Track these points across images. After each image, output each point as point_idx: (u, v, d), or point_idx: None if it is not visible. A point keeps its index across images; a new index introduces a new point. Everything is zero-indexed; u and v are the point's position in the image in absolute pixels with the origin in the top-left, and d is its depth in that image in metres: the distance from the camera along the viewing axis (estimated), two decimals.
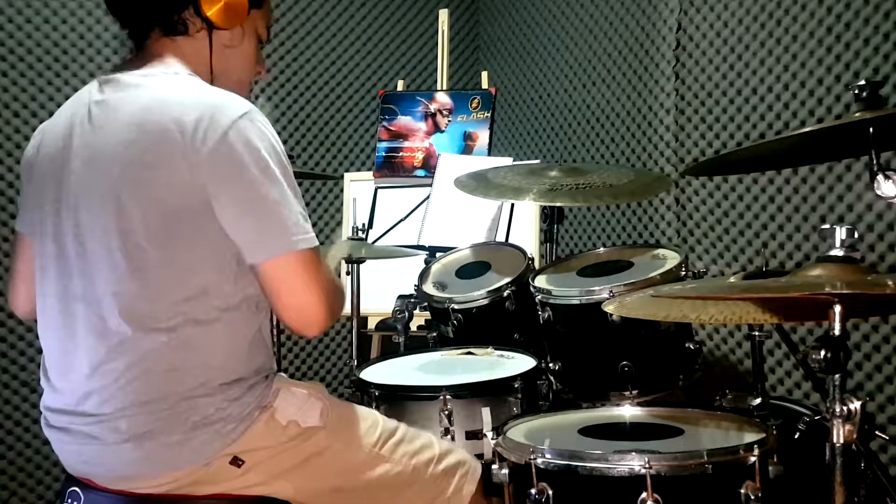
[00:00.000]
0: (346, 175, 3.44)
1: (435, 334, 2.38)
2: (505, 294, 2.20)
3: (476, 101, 3.30)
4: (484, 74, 3.55)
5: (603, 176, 2.28)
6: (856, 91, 1.45)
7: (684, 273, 1.97)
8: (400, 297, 2.42)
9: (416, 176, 3.29)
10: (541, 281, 2.11)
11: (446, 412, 1.83)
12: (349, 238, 2.47)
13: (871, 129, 1.43)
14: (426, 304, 2.36)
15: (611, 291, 1.91)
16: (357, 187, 3.34)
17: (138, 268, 1.40)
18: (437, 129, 3.32)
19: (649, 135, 3.03)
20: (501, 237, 2.83)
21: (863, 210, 2.30)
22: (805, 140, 1.59)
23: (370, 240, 2.82)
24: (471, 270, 2.44)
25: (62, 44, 3.17)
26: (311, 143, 3.67)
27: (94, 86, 1.52)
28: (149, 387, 1.41)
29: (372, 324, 3.10)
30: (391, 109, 3.40)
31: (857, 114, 1.43)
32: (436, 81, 3.57)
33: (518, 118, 3.78)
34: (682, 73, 2.86)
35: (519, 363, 2.04)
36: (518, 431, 1.67)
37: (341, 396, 1.72)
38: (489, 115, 3.26)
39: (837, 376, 1.21)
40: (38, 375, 1.56)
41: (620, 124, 3.18)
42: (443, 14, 3.48)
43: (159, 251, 1.40)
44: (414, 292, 2.42)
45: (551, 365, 2.04)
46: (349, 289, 2.53)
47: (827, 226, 1.31)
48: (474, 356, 2.16)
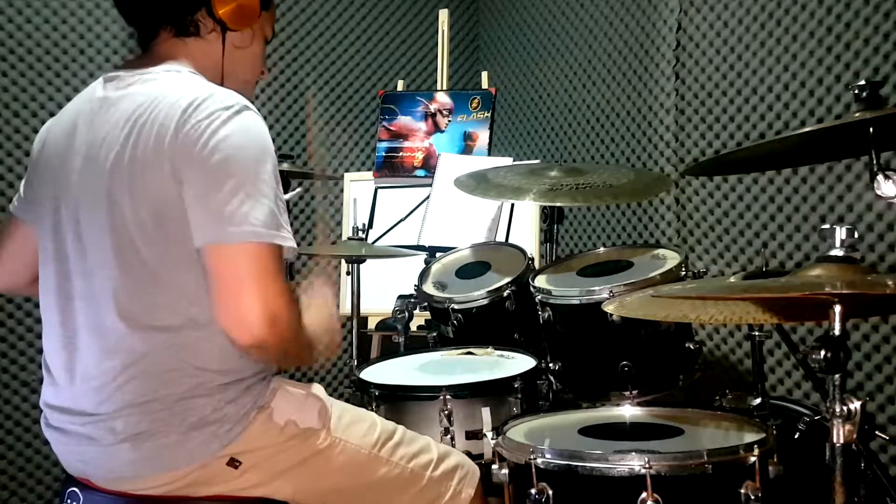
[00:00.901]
0: (346, 175, 3.44)
1: (435, 334, 2.38)
2: (505, 294, 2.20)
3: (476, 101, 3.30)
4: (484, 74, 3.55)
5: (603, 176, 2.28)
6: (856, 91, 1.45)
7: (684, 273, 1.97)
8: (400, 297, 2.43)
9: (416, 176, 3.29)
10: (541, 281, 2.11)
11: (446, 412, 1.83)
12: (349, 238, 2.48)
13: (871, 129, 1.43)
14: (426, 304, 2.36)
15: (611, 291, 1.91)
16: (357, 187, 3.34)
17: (132, 265, 1.40)
18: (437, 129, 3.32)
19: (649, 135, 3.02)
20: (501, 237, 2.83)
21: (863, 210, 2.30)
22: (805, 140, 1.59)
23: (370, 240, 2.82)
24: (471, 270, 2.44)
25: (62, 44, 3.16)
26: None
27: (100, 83, 1.52)
28: (146, 387, 1.41)
29: (372, 324, 3.10)
30: (391, 109, 3.40)
31: (857, 114, 1.43)
32: (436, 81, 3.57)
33: (518, 118, 3.78)
34: (682, 73, 2.86)
35: (519, 363, 2.04)
36: (518, 431, 1.67)
37: (341, 396, 1.72)
38: (489, 115, 3.26)
39: (837, 376, 1.21)
40: (38, 375, 1.56)
41: (620, 124, 3.18)
42: (443, 14, 3.48)
43: (152, 248, 1.39)
44: (414, 292, 2.42)
45: (551, 365, 2.04)
46: (350, 289, 2.54)
47: (827, 226, 1.31)
48: (474, 356, 2.16)
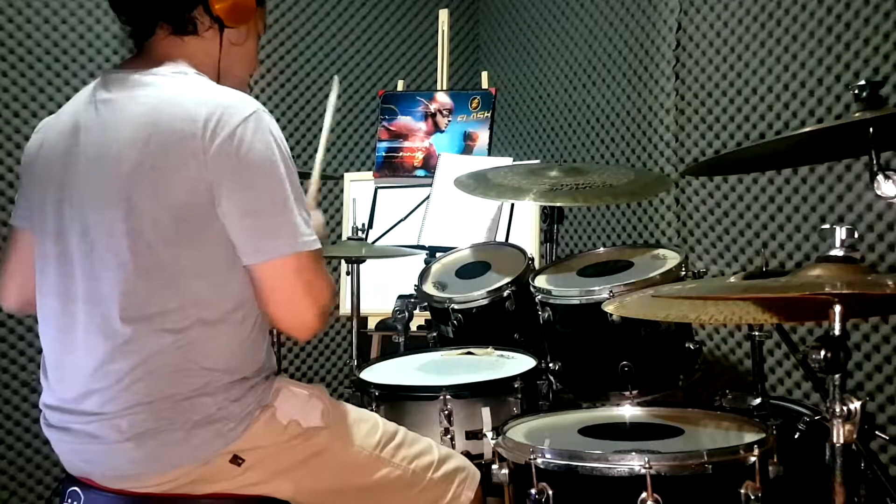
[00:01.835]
0: (346, 175, 3.44)
1: (435, 334, 2.38)
2: (505, 294, 2.20)
3: (476, 101, 3.30)
4: (484, 74, 3.55)
5: (603, 176, 2.28)
6: (856, 91, 1.45)
7: (684, 273, 1.97)
8: (400, 297, 2.42)
9: (416, 176, 3.29)
10: (541, 281, 2.11)
11: (446, 412, 1.83)
12: (349, 238, 2.48)
13: (871, 129, 1.43)
14: (426, 304, 2.36)
15: (611, 291, 1.91)
16: (357, 187, 3.34)
17: (147, 267, 1.40)
18: (437, 129, 3.32)
19: (649, 135, 3.03)
20: (501, 237, 2.82)
21: (863, 210, 2.30)
22: (805, 140, 1.60)
23: (370, 240, 2.82)
24: (471, 270, 2.44)
25: (62, 44, 3.16)
26: (312, 143, 3.67)
27: (100, 84, 1.51)
28: (153, 387, 1.41)
29: (372, 324, 3.10)
30: (391, 109, 3.40)
31: (857, 114, 1.43)
32: (436, 81, 3.57)
33: (518, 118, 3.78)
34: (682, 73, 2.86)
35: (519, 363, 2.04)
36: (518, 431, 1.67)
37: (341, 397, 1.72)
38: (489, 115, 3.26)
39: (837, 376, 1.22)
40: (38, 375, 1.55)
41: (620, 124, 3.18)
42: (443, 14, 3.48)
43: (168, 251, 1.40)
44: (414, 292, 2.42)
45: (551, 365, 2.04)
46: (349, 289, 2.54)
47: (827, 226, 1.31)
48: (474, 356, 2.16)
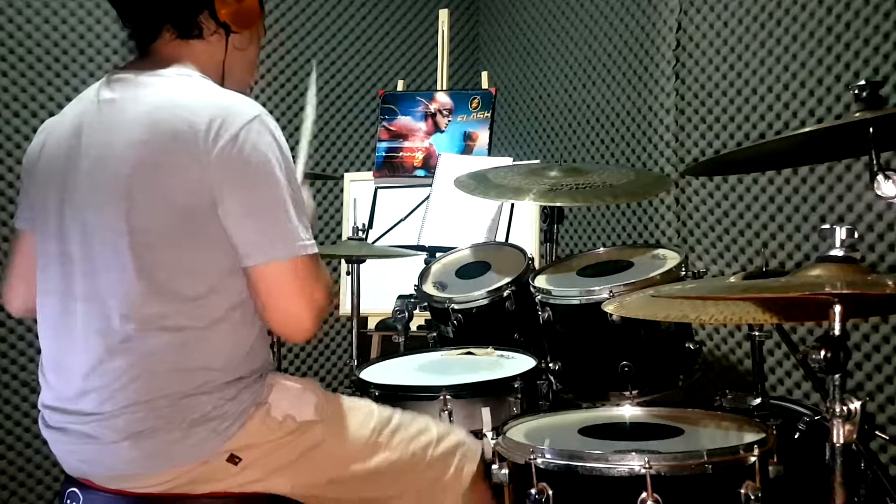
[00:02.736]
0: (346, 175, 3.44)
1: (435, 334, 2.38)
2: (505, 294, 2.20)
3: (476, 101, 3.30)
4: (484, 74, 3.55)
5: (603, 176, 2.28)
6: (856, 91, 1.45)
7: (684, 273, 1.97)
8: (400, 297, 2.42)
9: (416, 176, 3.29)
10: (541, 281, 2.11)
11: (446, 412, 1.83)
12: (349, 238, 2.47)
13: (871, 129, 1.43)
14: (426, 304, 2.36)
15: (611, 291, 1.90)
16: (357, 187, 3.34)
17: (146, 267, 1.40)
18: (437, 129, 3.32)
19: (649, 135, 3.02)
20: (501, 237, 2.82)
21: (863, 210, 2.30)
22: (805, 140, 1.59)
23: (370, 240, 2.82)
24: (471, 270, 2.44)
25: (62, 44, 3.16)
26: (311, 143, 3.66)
27: (103, 84, 1.51)
28: (150, 386, 1.41)
29: (372, 324, 3.10)
30: (391, 109, 3.40)
31: (857, 114, 1.43)
32: (436, 81, 3.57)
33: (518, 118, 3.78)
34: (682, 73, 2.86)
35: (519, 363, 2.04)
36: (518, 431, 1.67)
37: None
38: (489, 115, 3.26)
39: (837, 376, 1.21)
40: (38, 375, 1.55)
41: (620, 124, 3.18)
42: (443, 14, 3.48)
43: (167, 251, 1.41)
44: (414, 292, 2.42)
45: (551, 365, 2.04)
46: (349, 289, 2.54)
47: (827, 226, 1.31)
48: (474, 356, 2.16)
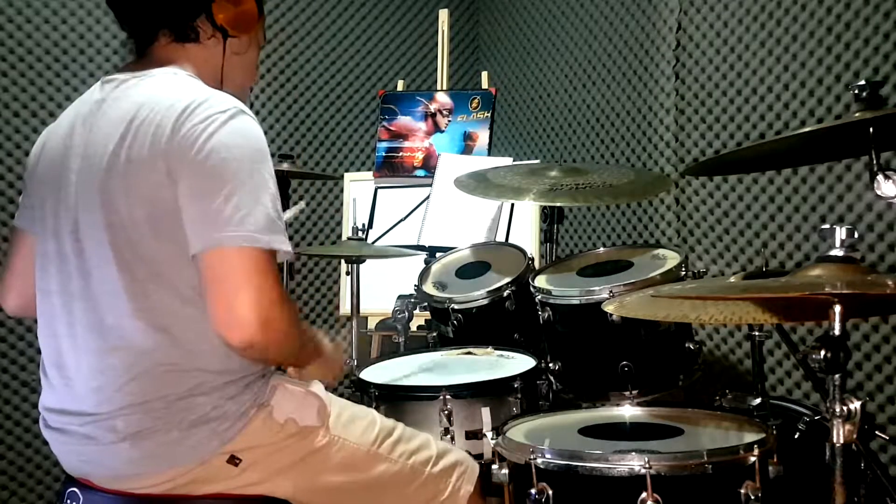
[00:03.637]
0: (346, 175, 3.44)
1: (435, 334, 2.38)
2: (505, 294, 2.20)
3: (476, 101, 3.30)
4: (484, 74, 3.55)
5: (603, 176, 2.28)
6: (856, 91, 1.45)
7: (684, 273, 1.97)
8: (400, 297, 2.42)
9: (416, 176, 3.29)
10: (541, 281, 2.11)
11: (446, 412, 1.83)
12: (349, 238, 2.47)
13: (871, 129, 1.43)
14: (426, 304, 2.36)
15: (611, 291, 1.91)
16: (357, 187, 3.34)
17: (131, 264, 1.40)
18: (437, 129, 3.32)
19: (649, 135, 3.02)
20: (501, 237, 2.83)
21: (863, 210, 2.30)
22: (805, 140, 1.59)
23: (370, 240, 2.82)
24: (471, 270, 2.44)
25: (62, 44, 3.16)
26: (311, 143, 3.67)
27: (98, 86, 1.53)
28: (147, 386, 1.41)
29: (372, 324, 3.10)
30: (391, 109, 3.40)
31: (857, 114, 1.43)
32: (436, 81, 3.57)
33: (518, 118, 3.78)
34: (682, 73, 2.86)
35: (519, 363, 2.04)
36: (518, 431, 1.67)
37: (341, 396, 1.72)
38: (489, 115, 3.26)
39: (837, 376, 1.21)
40: (38, 375, 1.55)
41: (620, 124, 3.18)
42: (443, 14, 3.48)
43: (148, 245, 1.39)
44: (414, 292, 2.42)
45: (551, 365, 2.04)
46: (349, 289, 2.54)
47: (827, 226, 1.31)
48: (474, 356, 2.16)
